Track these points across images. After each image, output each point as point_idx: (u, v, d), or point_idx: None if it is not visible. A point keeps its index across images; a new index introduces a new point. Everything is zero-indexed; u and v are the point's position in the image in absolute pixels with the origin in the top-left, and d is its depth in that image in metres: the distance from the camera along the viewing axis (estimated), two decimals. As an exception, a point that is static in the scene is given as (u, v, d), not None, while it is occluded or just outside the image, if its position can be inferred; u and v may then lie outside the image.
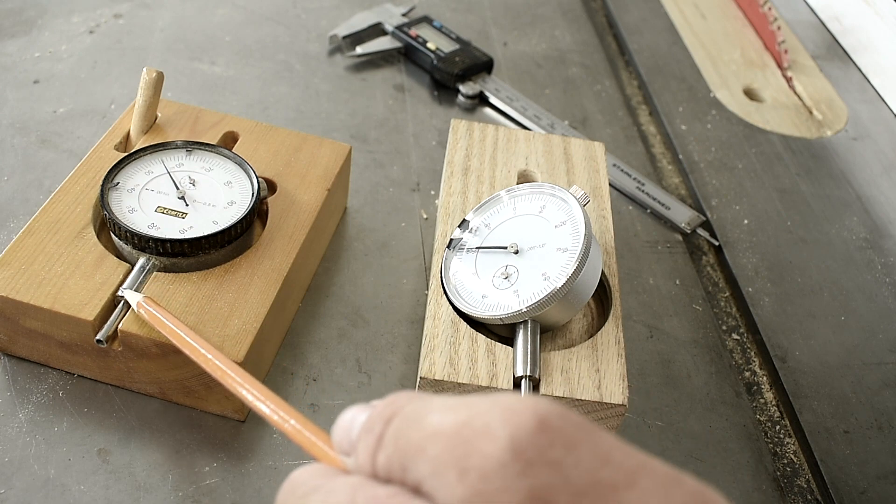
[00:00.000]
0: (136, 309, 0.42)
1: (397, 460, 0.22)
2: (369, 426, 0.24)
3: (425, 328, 0.45)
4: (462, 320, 0.46)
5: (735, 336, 0.57)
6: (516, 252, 0.47)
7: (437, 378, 0.42)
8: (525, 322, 0.44)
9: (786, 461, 0.50)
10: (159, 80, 0.53)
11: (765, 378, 0.55)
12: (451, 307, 0.46)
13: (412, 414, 0.23)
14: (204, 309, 0.44)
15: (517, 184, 0.54)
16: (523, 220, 0.49)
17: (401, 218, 0.60)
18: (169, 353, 0.43)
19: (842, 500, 0.48)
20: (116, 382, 0.46)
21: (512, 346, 0.44)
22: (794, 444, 0.51)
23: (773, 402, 0.53)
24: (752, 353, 0.56)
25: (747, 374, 0.55)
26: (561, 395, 0.42)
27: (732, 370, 0.54)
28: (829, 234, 0.65)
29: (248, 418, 0.46)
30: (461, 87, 0.72)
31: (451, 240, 0.50)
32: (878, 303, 0.60)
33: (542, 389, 0.42)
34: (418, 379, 0.43)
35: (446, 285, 0.47)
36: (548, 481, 0.20)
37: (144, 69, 0.53)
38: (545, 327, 0.46)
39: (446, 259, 0.49)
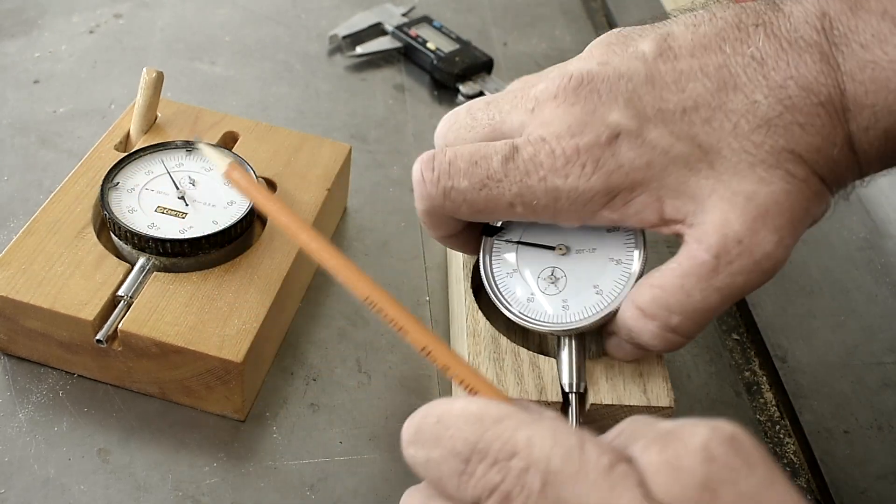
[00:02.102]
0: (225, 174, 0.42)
1: (621, 443, 0.28)
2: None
3: (465, 346, 0.43)
4: (501, 335, 0.44)
5: (735, 336, 0.57)
6: (563, 254, 0.43)
7: None
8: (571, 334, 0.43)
9: (786, 461, 0.50)
10: (159, 80, 0.53)
11: (764, 378, 0.55)
12: (487, 321, 0.44)
13: (642, 419, 0.28)
14: (204, 309, 0.44)
15: None
16: None
17: (401, 218, 0.60)
18: (169, 352, 0.43)
19: (842, 499, 0.48)
20: (116, 382, 0.46)
21: (554, 354, 0.43)
22: (793, 444, 0.51)
23: (773, 402, 0.53)
24: (752, 353, 0.56)
25: (747, 373, 0.55)
26: (609, 402, 0.42)
27: (732, 370, 0.54)
28: (829, 234, 0.65)
29: (248, 418, 0.46)
30: (461, 87, 0.72)
31: (489, 226, 0.45)
32: (878, 303, 0.60)
33: (591, 399, 0.42)
34: None
35: (487, 283, 0.44)
36: (722, 477, 0.25)
37: (144, 69, 0.53)
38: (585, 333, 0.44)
39: (484, 249, 0.45)
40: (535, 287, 0.43)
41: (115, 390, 0.46)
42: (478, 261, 0.45)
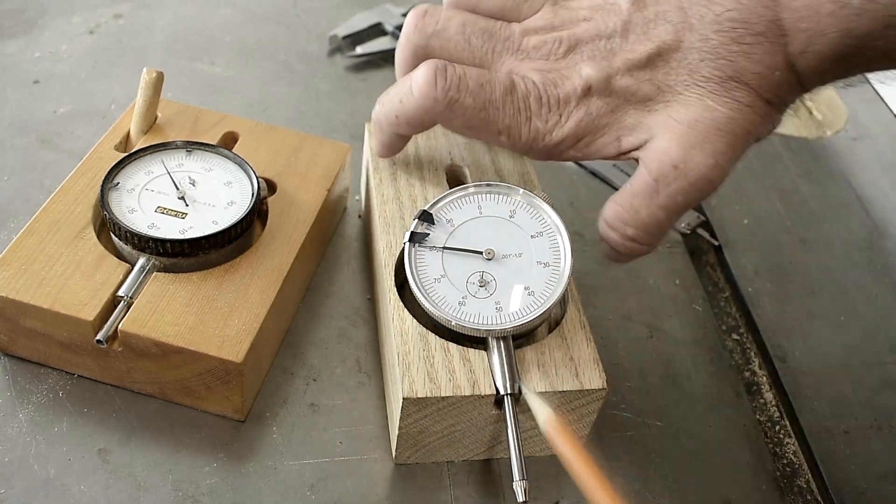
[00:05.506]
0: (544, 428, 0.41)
1: None
2: None
3: (394, 346, 0.43)
4: (430, 332, 0.44)
5: (735, 336, 0.57)
6: (490, 259, 0.45)
7: (419, 396, 0.41)
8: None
9: (785, 461, 0.50)
10: (159, 80, 0.53)
11: (764, 378, 0.55)
12: (414, 320, 0.44)
13: None
14: (204, 309, 0.44)
15: (447, 181, 0.52)
16: (492, 222, 0.46)
17: (401, 218, 0.60)
18: (169, 353, 0.43)
19: (842, 500, 0.48)
20: (116, 382, 0.46)
21: (480, 346, 0.43)
22: (793, 445, 0.51)
23: (773, 403, 0.53)
24: (752, 354, 0.56)
25: (747, 374, 0.55)
26: (542, 389, 0.42)
27: (732, 370, 0.54)
28: (829, 234, 0.65)
29: (248, 418, 0.46)
30: (461, 87, 0.72)
31: (414, 233, 0.46)
32: (878, 303, 0.60)
33: (523, 388, 0.42)
34: (401, 400, 0.41)
35: (416, 287, 0.44)
36: None
37: (144, 69, 0.53)
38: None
39: (409, 256, 0.45)
40: (465, 291, 0.44)
41: (115, 390, 0.46)
42: (403, 266, 0.45)
